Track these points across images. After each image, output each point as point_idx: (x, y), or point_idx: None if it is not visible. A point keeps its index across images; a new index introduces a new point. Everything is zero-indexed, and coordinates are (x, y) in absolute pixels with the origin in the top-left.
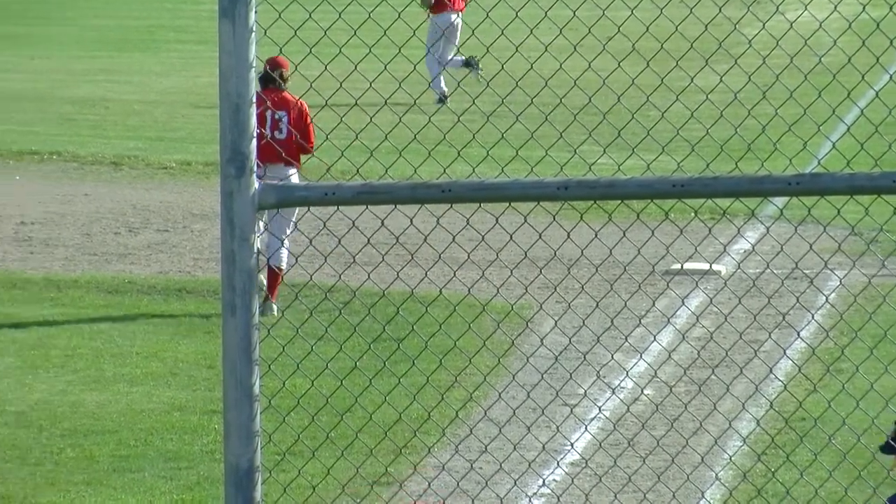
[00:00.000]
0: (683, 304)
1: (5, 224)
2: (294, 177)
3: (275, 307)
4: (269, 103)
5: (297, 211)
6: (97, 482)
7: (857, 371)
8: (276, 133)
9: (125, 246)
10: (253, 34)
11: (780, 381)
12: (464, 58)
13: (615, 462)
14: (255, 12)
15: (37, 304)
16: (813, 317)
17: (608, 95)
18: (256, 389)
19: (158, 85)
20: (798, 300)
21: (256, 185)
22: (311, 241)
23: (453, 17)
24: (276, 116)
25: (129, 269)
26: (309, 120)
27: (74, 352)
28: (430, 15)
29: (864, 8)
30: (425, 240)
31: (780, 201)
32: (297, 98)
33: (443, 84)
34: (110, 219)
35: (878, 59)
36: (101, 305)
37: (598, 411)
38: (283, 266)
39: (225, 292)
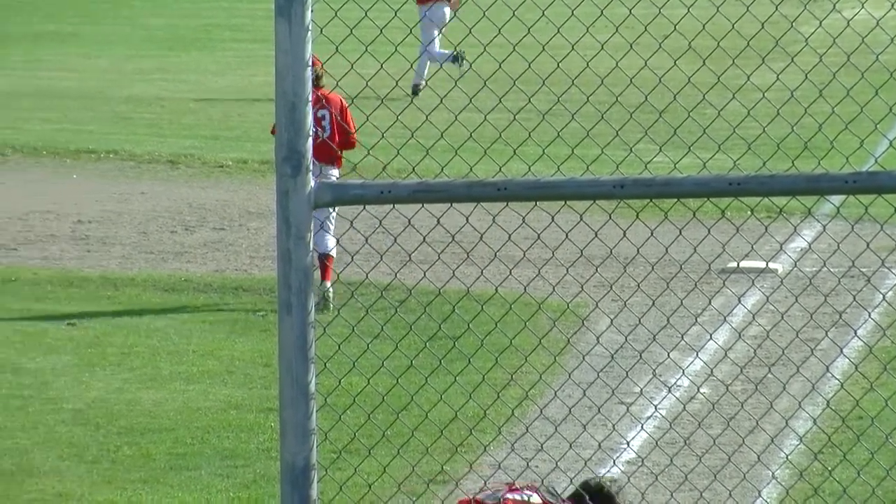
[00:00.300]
0: (740, 302)
1: (62, 222)
2: (335, 175)
3: (329, 286)
4: (324, 101)
5: None
6: (154, 480)
7: None
8: (320, 132)
9: (181, 244)
10: (309, 33)
11: (836, 379)
12: (421, 82)
13: (671, 461)
14: (312, 11)
15: (94, 303)
16: (870, 315)
17: (664, 94)
18: (312, 387)
19: (214, 83)
20: (855, 298)
21: (312, 183)
22: (366, 240)
23: (446, 9)
24: (319, 115)
25: (186, 268)
26: (349, 115)
27: (131, 350)
28: (422, 8)
29: None
30: (481, 238)
31: (836, 199)
32: (336, 94)
33: (452, 54)
34: (167, 217)
35: None
36: (158, 303)
37: (654, 410)
38: (332, 252)
39: (281, 291)
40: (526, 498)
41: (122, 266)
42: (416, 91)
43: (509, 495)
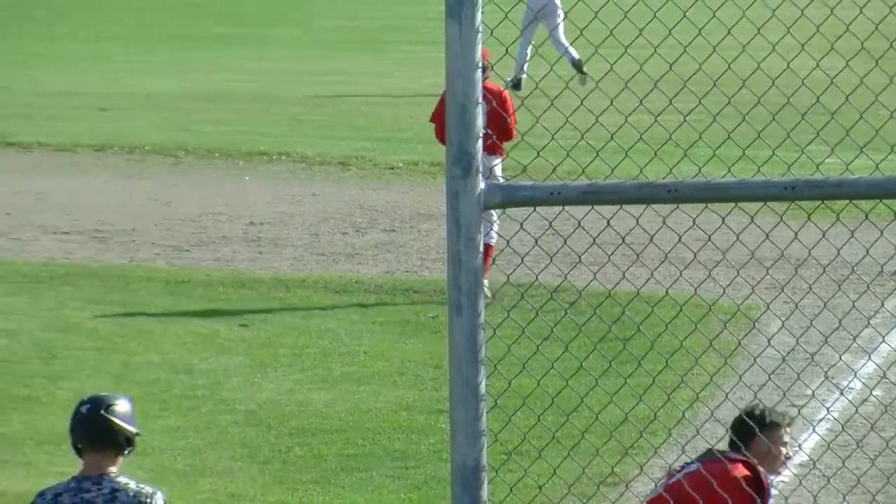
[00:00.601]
0: None
1: (235, 224)
2: (498, 166)
3: (484, 282)
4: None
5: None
6: (325, 481)
7: None
8: None
9: (352, 246)
10: (479, 35)
11: None
12: (576, 57)
13: (843, 463)
14: (482, 13)
15: (265, 304)
16: None
17: (836, 95)
18: (482, 389)
19: (385, 85)
20: None
21: (482, 185)
22: (536, 241)
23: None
24: None
25: (357, 269)
26: (511, 107)
27: (302, 351)
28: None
29: None
30: (651, 240)
31: None
32: (498, 86)
33: (525, 68)
34: (338, 219)
35: None
36: (329, 305)
37: (825, 412)
38: (492, 242)
39: (451, 292)
40: (685, 472)
41: (293, 267)
42: (579, 68)
43: (669, 480)
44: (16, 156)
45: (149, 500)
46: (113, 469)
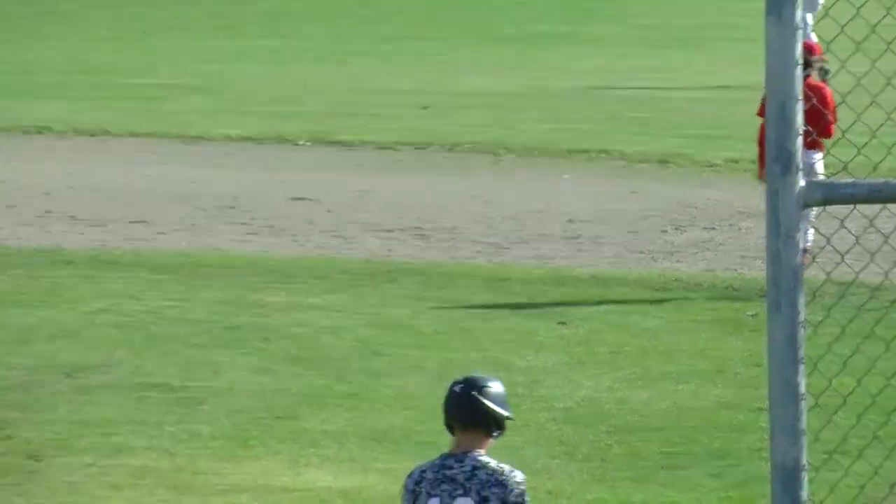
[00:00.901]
0: None
1: (554, 222)
2: (819, 163)
3: None
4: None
5: None
6: (643, 479)
7: None
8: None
9: (671, 243)
10: (798, 31)
11: None
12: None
13: None
14: (801, 10)
15: (584, 301)
16: None
17: None
18: (802, 388)
19: (705, 82)
20: None
21: (801, 182)
22: (857, 239)
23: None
24: None
25: (676, 267)
26: (831, 104)
27: (620, 349)
28: None
29: None
30: None
31: None
32: (820, 83)
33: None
34: (656, 216)
35: None
36: (648, 303)
37: None
38: (808, 245)
39: (770, 290)
40: None
41: (612, 265)
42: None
43: None
44: (338, 153)
45: (504, 477)
46: (480, 450)
